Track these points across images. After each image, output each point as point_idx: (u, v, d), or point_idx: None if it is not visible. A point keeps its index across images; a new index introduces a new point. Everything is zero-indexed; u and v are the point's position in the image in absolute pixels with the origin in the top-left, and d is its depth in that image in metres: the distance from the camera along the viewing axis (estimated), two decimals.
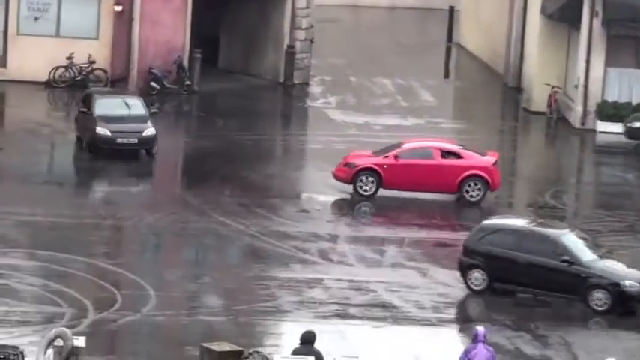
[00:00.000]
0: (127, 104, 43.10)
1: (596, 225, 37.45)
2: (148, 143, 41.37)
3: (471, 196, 38.32)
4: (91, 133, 41.23)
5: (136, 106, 42.32)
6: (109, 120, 41.39)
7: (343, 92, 52.55)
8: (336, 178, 39.06)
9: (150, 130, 41.26)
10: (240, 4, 52.08)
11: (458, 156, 39.10)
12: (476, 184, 38.09)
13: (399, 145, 39.40)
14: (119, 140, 41.27)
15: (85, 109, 41.78)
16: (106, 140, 41.01)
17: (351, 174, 38.88)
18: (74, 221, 36.17)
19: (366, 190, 39.09)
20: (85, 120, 41.67)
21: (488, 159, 39.06)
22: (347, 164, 38.97)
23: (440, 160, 39.09)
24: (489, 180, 38.41)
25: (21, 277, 31.16)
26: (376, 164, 39.27)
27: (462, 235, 34.66)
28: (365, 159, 39.41)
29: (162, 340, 28.55)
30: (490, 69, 57.62)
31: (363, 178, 38.90)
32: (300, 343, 23.98)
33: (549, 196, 40.23)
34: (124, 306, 29.52)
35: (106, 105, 42.15)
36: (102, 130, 40.96)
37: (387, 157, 39.28)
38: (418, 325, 29.91)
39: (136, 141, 41.22)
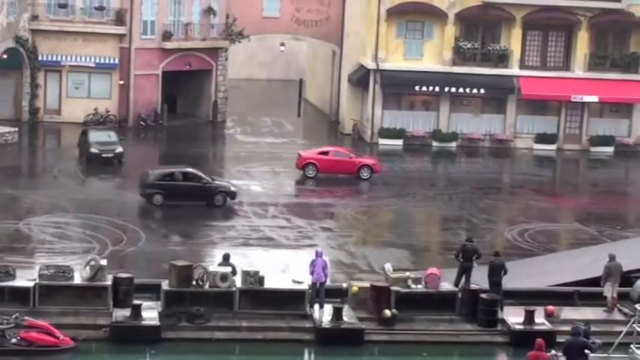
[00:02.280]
0: (107, 135, 52.78)
1: (378, 192, 48.42)
2: (119, 156, 51.25)
3: (364, 176, 50.92)
4: (88, 151, 51.16)
5: (112, 136, 52.41)
6: (97, 144, 51.34)
7: (244, 125, 65.70)
8: (297, 167, 50.72)
9: (119, 149, 51.08)
10: (187, 79, 65.17)
11: (350, 156, 51.35)
12: (366, 169, 51.00)
13: (326, 152, 51.40)
14: (103, 155, 51.10)
15: (85, 138, 51.58)
16: (96, 155, 51.13)
17: (301, 164, 50.56)
18: (94, 197, 44.73)
19: (310, 174, 50.54)
20: (84, 143, 51.56)
21: (371, 159, 52.06)
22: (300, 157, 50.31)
23: (350, 157, 51.32)
24: (374, 168, 50.94)
25: (71, 228, 39.39)
26: (315, 159, 50.95)
27: (326, 200, 46.02)
28: (310, 155, 50.97)
29: (148, 260, 35.50)
30: (322, 111, 71.26)
31: (309, 166, 50.74)
32: (222, 260, 31.29)
33: (354, 178, 50.90)
34: (127, 242, 37.53)
35: (95, 135, 52.27)
36: (93, 150, 51.23)
37: (320, 154, 50.97)
38: (286, 249, 38.10)
39: (112, 155, 51.25)
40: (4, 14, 59.31)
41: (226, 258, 31.45)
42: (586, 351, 25.19)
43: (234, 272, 30.81)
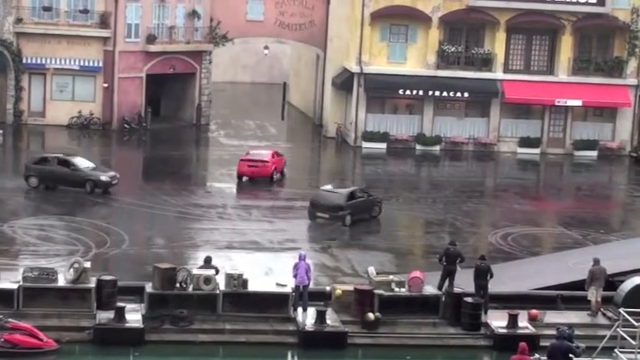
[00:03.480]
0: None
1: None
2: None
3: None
4: None
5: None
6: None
7: (227, 128, 66.08)
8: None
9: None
10: (171, 82, 65.57)
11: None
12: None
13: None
14: None
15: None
16: None
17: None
18: (83, 197, 44.74)
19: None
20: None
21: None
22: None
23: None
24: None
25: (55, 230, 39.49)
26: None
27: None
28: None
29: (132, 262, 35.57)
30: (306, 115, 71.50)
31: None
32: (204, 263, 31.47)
33: (337, 181, 51.00)
34: (111, 245, 37.60)
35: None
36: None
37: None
38: (269, 251, 38.13)
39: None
40: None
41: (208, 261, 31.58)
42: (570, 355, 25.20)
43: (217, 273, 30.99)
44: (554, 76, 63.16)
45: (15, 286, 29.96)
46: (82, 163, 46.46)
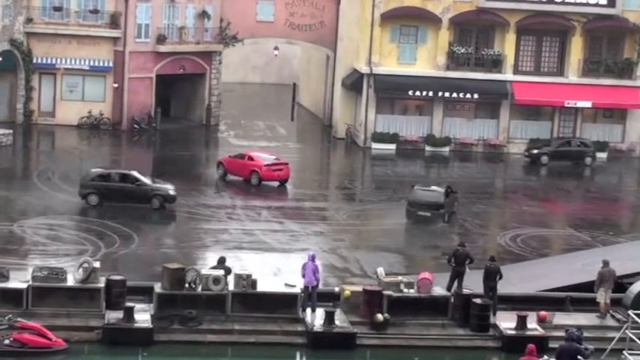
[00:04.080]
0: None
1: (371, 196, 49.23)
2: None
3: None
4: None
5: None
6: None
7: (237, 129, 65.83)
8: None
9: None
10: (181, 82, 65.45)
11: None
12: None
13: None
14: None
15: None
16: None
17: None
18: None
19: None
20: None
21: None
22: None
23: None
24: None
25: (65, 230, 39.75)
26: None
27: (319, 204, 46.36)
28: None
29: (141, 263, 35.59)
30: (315, 115, 71.29)
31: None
32: (217, 263, 31.60)
33: (347, 182, 53.38)
34: (120, 245, 37.69)
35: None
36: None
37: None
38: (279, 252, 38.25)
39: None
40: (0, 17, 59.72)
41: (221, 261, 31.69)
42: (579, 357, 25.20)
43: (228, 274, 31.03)
44: (564, 77, 63.12)
45: (24, 285, 30.00)
46: (144, 177, 44.88)
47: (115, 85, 62.47)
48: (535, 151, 60.55)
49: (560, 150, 60.59)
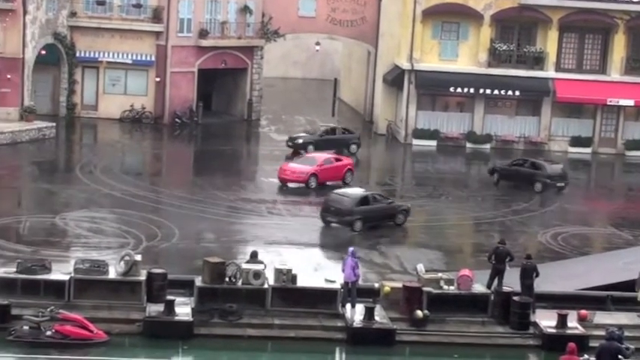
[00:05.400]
0: None
1: (411, 193, 49.06)
2: None
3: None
4: None
5: None
6: None
7: (278, 124, 66.36)
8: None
9: None
10: (223, 77, 66.34)
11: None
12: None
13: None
14: None
15: None
16: None
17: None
18: (134, 190, 45.26)
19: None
20: None
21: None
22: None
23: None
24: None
25: (106, 223, 39.94)
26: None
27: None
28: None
29: (182, 256, 35.85)
30: (356, 111, 72.00)
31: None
32: (250, 257, 31.78)
33: (388, 178, 53.47)
34: (162, 238, 37.97)
35: None
36: None
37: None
38: (319, 247, 38.74)
39: None
40: (43, 11, 60.11)
41: (254, 255, 31.73)
42: (619, 356, 25.04)
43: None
44: (607, 75, 62.81)
45: (66, 277, 30.20)
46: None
47: (157, 79, 62.77)
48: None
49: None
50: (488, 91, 61.54)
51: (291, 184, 47.85)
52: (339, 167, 49.33)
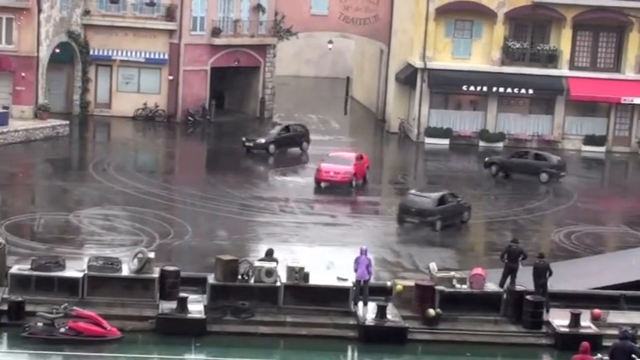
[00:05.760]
0: None
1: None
2: None
3: None
4: None
5: None
6: None
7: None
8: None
9: None
10: (235, 75, 66.14)
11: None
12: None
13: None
14: None
15: None
16: None
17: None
18: (147, 188, 45.44)
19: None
20: None
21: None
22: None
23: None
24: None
25: (120, 220, 40.09)
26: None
27: (372, 197, 46.71)
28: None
29: (194, 254, 36.04)
30: (368, 109, 72.23)
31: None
32: (265, 255, 31.88)
33: (400, 176, 53.35)
34: (174, 236, 38.12)
35: None
36: None
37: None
38: (331, 245, 38.55)
39: None
40: (58, 9, 60.55)
41: (269, 253, 31.81)
42: (633, 355, 24.90)
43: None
44: (621, 73, 62.60)
45: (80, 274, 30.29)
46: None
47: (170, 78, 62.88)
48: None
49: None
50: (501, 90, 61.44)
51: (325, 185, 47.83)
52: (362, 165, 49.50)
